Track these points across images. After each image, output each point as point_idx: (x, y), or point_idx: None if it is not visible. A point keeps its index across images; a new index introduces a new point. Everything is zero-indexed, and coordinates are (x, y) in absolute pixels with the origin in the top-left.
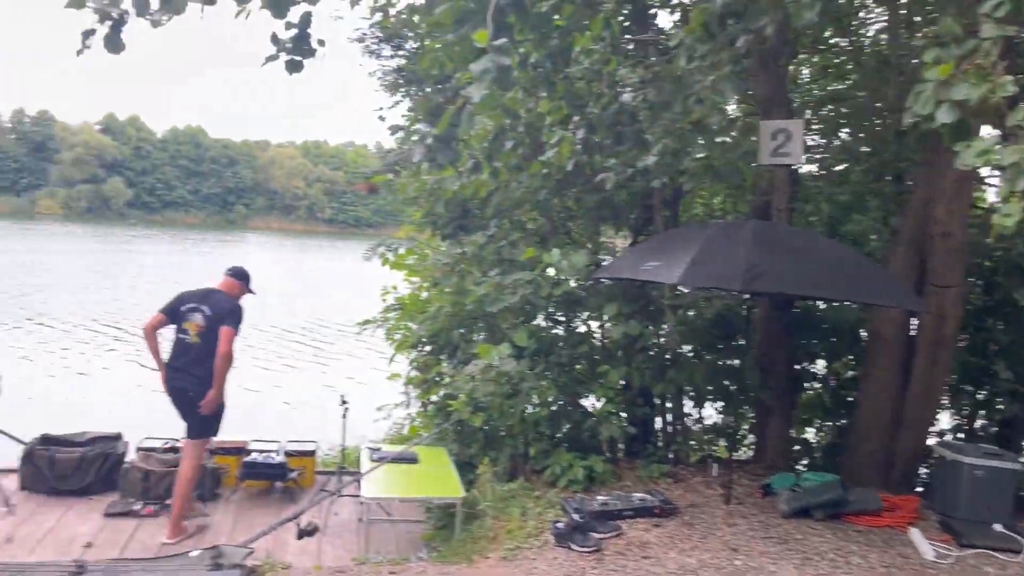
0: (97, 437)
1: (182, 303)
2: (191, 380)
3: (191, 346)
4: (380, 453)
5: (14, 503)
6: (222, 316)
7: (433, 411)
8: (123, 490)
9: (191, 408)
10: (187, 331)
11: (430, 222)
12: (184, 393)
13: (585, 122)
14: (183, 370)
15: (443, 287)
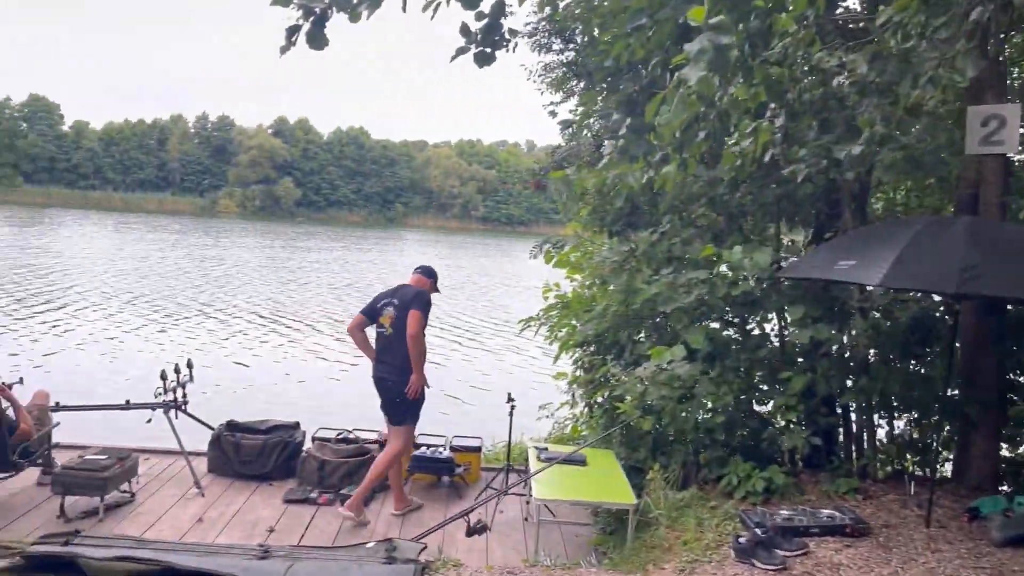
0: (277, 425)
1: (378, 301)
2: (388, 368)
3: (387, 337)
4: (548, 453)
5: (204, 485)
6: (409, 303)
7: (599, 412)
8: (301, 477)
9: (391, 396)
10: (383, 325)
11: (598, 218)
12: (384, 382)
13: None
14: (383, 361)
15: (611, 285)
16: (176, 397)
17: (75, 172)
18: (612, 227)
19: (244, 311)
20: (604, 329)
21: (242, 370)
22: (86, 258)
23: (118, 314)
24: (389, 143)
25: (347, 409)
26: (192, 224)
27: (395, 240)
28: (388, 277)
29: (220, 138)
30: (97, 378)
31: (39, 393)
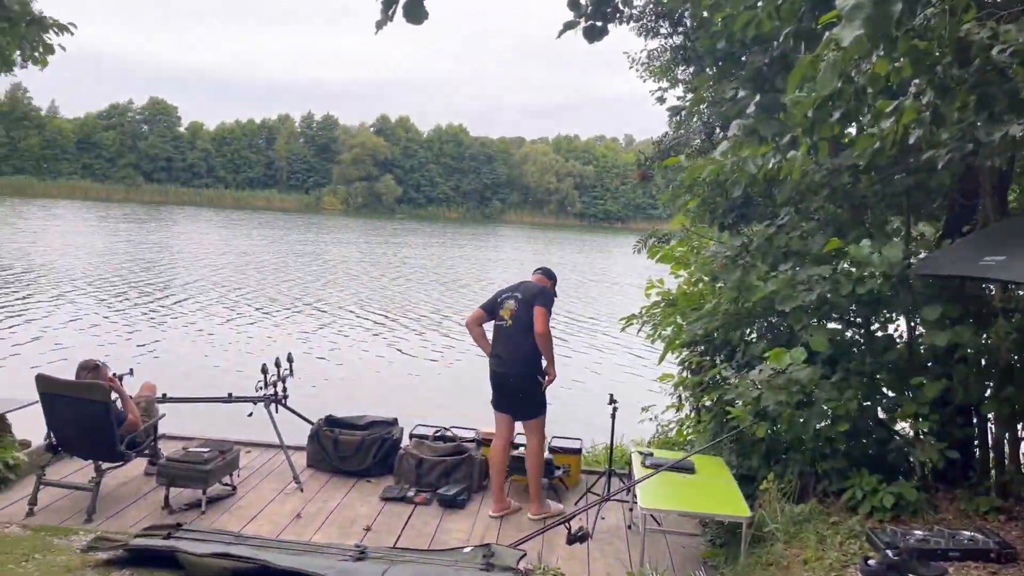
0: (375, 421)
1: (498, 296)
2: (507, 363)
3: (507, 330)
4: (653, 459)
5: (303, 480)
6: (533, 298)
7: (707, 417)
8: (398, 475)
9: (513, 392)
10: (502, 317)
11: (707, 211)
12: (504, 378)
13: (936, 83)
14: (501, 355)
15: (722, 282)
16: (276, 391)
17: (190, 171)
18: (723, 220)
19: (342, 306)
20: (714, 328)
21: (338, 364)
22: (194, 253)
23: (219, 307)
24: (487, 140)
25: (442, 406)
26: (297, 220)
27: (490, 236)
28: (482, 272)
29: (324, 137)
30: (197, 369)
31: (147, 384)
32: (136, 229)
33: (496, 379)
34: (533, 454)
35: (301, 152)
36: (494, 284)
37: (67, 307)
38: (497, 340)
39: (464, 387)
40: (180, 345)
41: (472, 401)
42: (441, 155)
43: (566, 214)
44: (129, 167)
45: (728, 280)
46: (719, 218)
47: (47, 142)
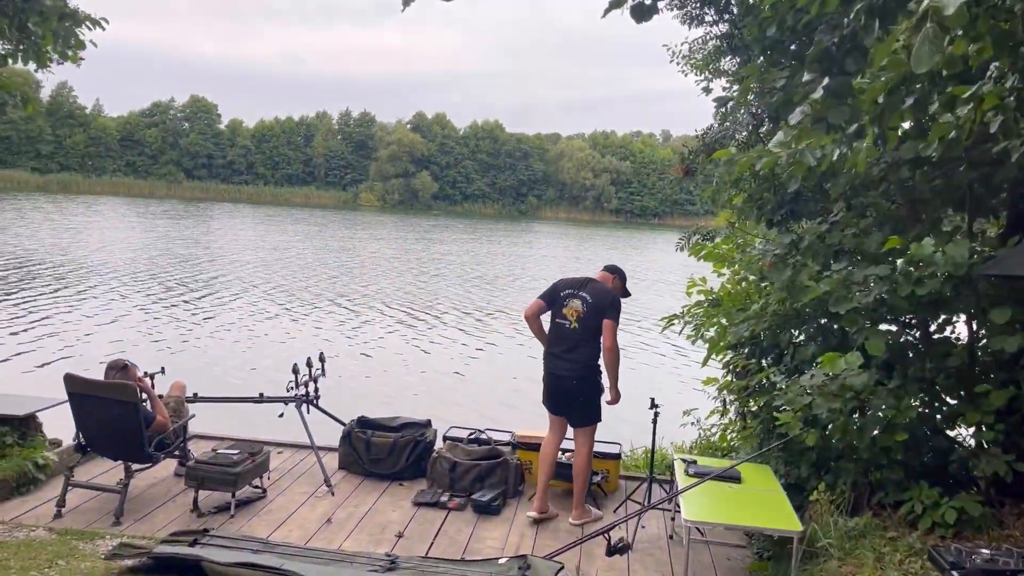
0: (408, 423)
1: (560, 289)
2: (569, 367)
3: (570, 332)
4: (697, 467)
5: (334, 483)
6: (603, 307)
7: (754, 423)
8: (431, 478)
9: (571, 397)
10: (566, 317)
11: (755, 206)
12: (564, 381)
13: (1021, 67)
14: (562, 357)
15: (771, 282)
16: (308, 391)
17: (230, 168)
18: (772, 216)
19: (375, 304)
20: (761, 330)
21: (371, 363)
22: (229, 249)
23: (253, 303)
24: (523, 136)
25: (477, 407)
26: (333, 216)
27: (524, 232)
28: (517, 269)
29: (362, 134)
30: (230, 368)
31: (176, 384)
32: (173, 225)
33: (553, 381)
34: (582, 458)
35: (339, 149)
36: (533, 281)
37: (97, 303)
38: (558, 340)
39: (501, 389)
40: (213, 343)
41: (508, 403)
42: (477, 151)
43: (602, 210)
44: (171, 164)
45: (777, 280)
46: (767, 214)
47: (92, 140)
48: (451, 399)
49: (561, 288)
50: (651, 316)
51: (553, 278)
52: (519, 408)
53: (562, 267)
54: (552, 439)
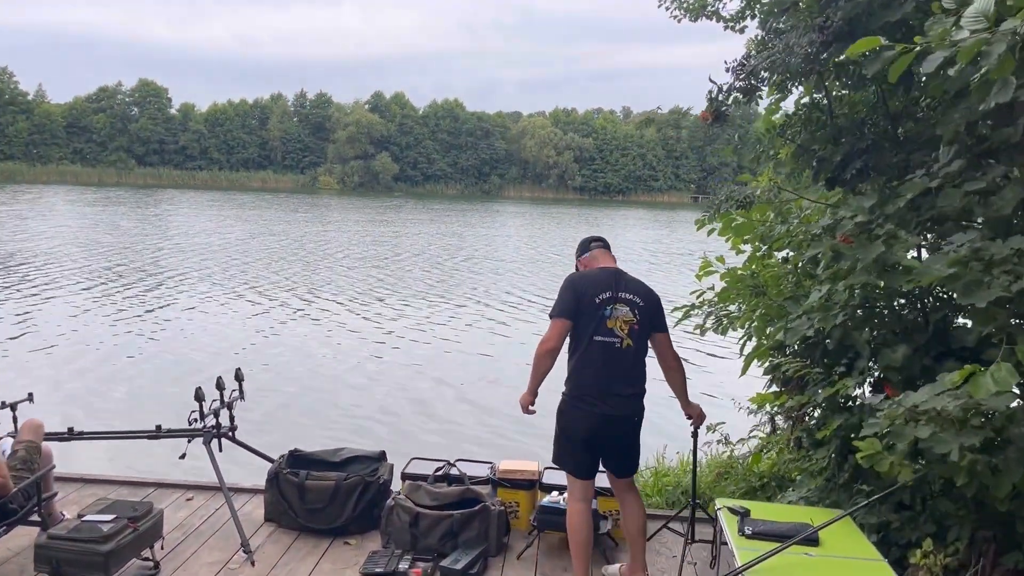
0: (355, 456)
1: (588, 293)
2: (634, 403)
3: (623, 354)
4: (753, 524)
5: (256, 546)
6: (656, 311)
7: (818, 453)
8: (386, 533)
9: (630, 441)
10: (612, 332)
11: (810, 161)
12: (626, 424)
13: None
14: (618, 393)
15: (848, 262)
16: (219, 422)
17: (183, 153)
18: (837, 173)
19: (319, 295)
20: (830, 328)
21: (306, 373)
22: (163, 237)
23: (165, 297)
24: (484, 115)
25: (445, 428)
26: (288, 201)
27: (489, 213)
28: (489, 251)
29: (318, 115)
30: (145, 380)
31: (29, 424)
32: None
33: (604, 428)
34: (641, 509)
35: (295, 132)
36: (502, 263)
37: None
38: (607, 367)
39: (475, 405)
40: (127, 348)
41: (486, 424)
42: (438, 131)
43: (566, 188)
44: (120, 151)
45: (863, 258)
46: (829, 170)
47: (36, 127)
48: (412, 421)
49: (588, 290)
50: None
51: (539, 257)
52: (503, 429)
53: (545, 247)
54: (587, 511)
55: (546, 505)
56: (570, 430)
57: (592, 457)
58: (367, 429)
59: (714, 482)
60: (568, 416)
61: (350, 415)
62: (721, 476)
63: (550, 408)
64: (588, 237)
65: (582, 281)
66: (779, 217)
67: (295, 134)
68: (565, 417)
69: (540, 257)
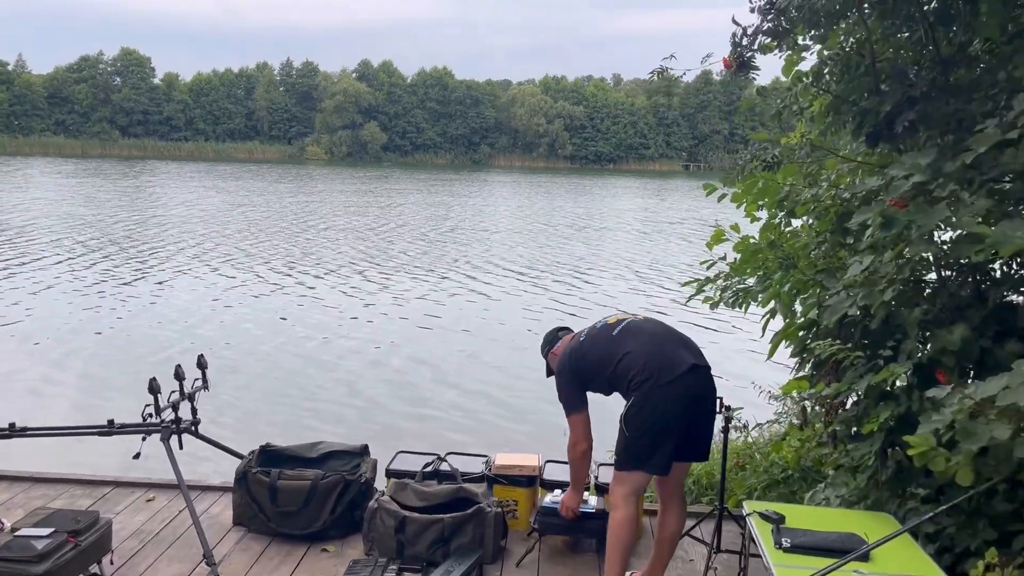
0: (334, 451)
1: (585, 346)
2: (707, 370)
3: (645, 324)
4: (792, 534)
5: (222, 556)
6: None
7: (860, 450)
8: (369, 539)
9: (711, 416)
10: (620, 322)
11: (850, 115)
12: (712, 396)
13: None
14: (686, 361)
15: (900, 228)
16: (178, 416)
17: (168, 124)
18: (878, 127)
19: (301, 268)
20: (877, 305)
21: (280, 354)
22: (133, 209)
23: (135, 272)
24: (473, 83)
25: (435, 415)
26: (274, 171)
27: (476, 183)
28: (473, 220)
29: (305, 85)
30: (110, 360)
31: None
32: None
33: (693, 406)
34: (684, 513)
35: (282, 101)
36: (487, 233)
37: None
38: (653, 341)
39: (465, 386)
40: (89, 327)
41: (478, 407)
42: (427, 100)
43: (557, 157)
44: (103, 121)
45: (923, 224)
46: (871, 124)
47: (16, 98)
48: (397, 408)
49: (588, 358)
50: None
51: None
52: (494, 420)
53: (533, 216)
54: (635, 500)
55: (548, 506)
56: (657, 421)
57: (685, 436)
58: (347, 418)
59: (731, 471)
60: (655, 402)
61: (328, 401)
62: (738, 466)
63: (538, 394)
64: (552, 331)
65: (574, 359)
66: (808, 179)
67: (281, 104)
68: (650, 405)
69: (528, 228)
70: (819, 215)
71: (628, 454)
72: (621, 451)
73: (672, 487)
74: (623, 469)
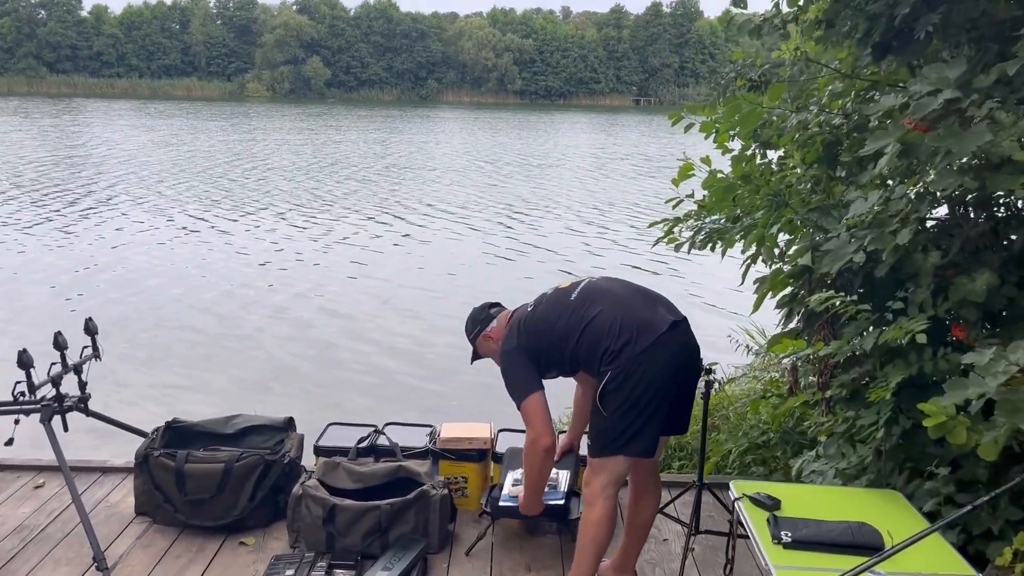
0: (253, 426)
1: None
2: (685, 323)
3: (614, 284)
4: (791, 526)
5: (117, 558)
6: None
7: (866, 417)
8: (295, 530)
9: (693, 386)
10: (576, 287)
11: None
12: (694, 351)
13: None
14: (664, 319)
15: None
16: (60, 392)
17: (98, 60)
18: (887, 35)
19: (210, 205)
20: (890, 249)
21: (205, 291)
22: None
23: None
24: (419, 15)
25: (375, 381)
26: (208, 108)
27: (420, 119)
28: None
29: (243, 17)
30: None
31: None
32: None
33: (678, 362)
34: (659, 495)
35: (219, 35)
36: (433, 172)
37: None
38: (621, 301)
39: (402, 346)
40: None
41: (421, 369)
42: (371, 33)
43: (506, 92)
44: (29, 57)
45: (958, 150)
46: (882, 31)
47: None
48: (326, 371)
49: (539, 333)
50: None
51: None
52: (438, 383)
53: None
54: (653, 483)
55: (505, 504)
56: (650, 383)
57: (672, 404)
58: (267, 385)
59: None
60: (636, 372)
61: (246, 366)
62: (712, 427)
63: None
64: (479, 308)
65: (527, 335)
66: (796, 102)
67: (219, 38)
68: (633, 377)
69: (469, 166)
70: (802, 144)
71: (607, 437)
72: (598, 434)
73: (650, 468)
74: (601, 455)
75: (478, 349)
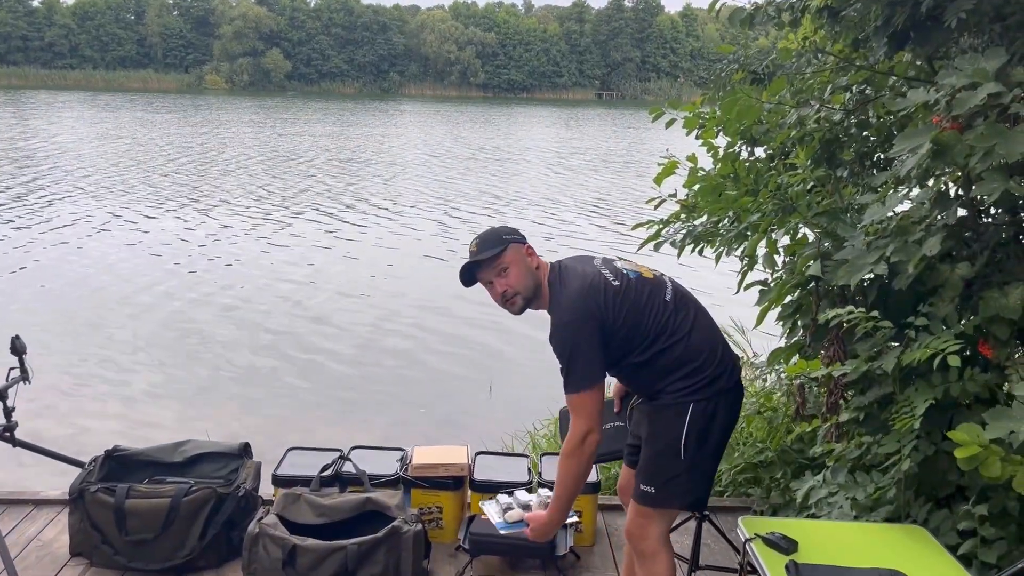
0: (204, 453)
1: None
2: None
3: (673, 301)
4: (815, 574)
5: None
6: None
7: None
8: (250, 572)
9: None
10: (645, 278)
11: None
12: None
13: None
14: (715, 354)
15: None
16: None
17: (50, 51)
18: (909, 24)
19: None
20: (917, 260)
21: (143, 290)
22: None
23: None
24: (380, 8)
25: (339, 395)
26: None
27: (379, 112)
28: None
29: (201, 8)
30: None
31: None
32: None
33: (736, 400)
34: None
35: (176, 26)
36: (396, 167)
37: None
38: (710, 322)
39: (366, 357)
40: None
41: (389, 382)
42: (331, 25)
43: (469, 85)
44: None
45: (1005, 151)
46: (903, 20)
47: None
48: (284, 388)
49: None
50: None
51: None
52: (408, 400)
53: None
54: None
55: (483, 537)
56: (726, 432)
57: (719, 442)
58: (221, 405)
59: None
60: (706, 416)
61: (195, 382)
62: None
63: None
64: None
65: (609, 304)
66: (797, 97)
67: (176, 29)
68: (702, 422)
69: (429, 160)
70: (798, 140)
71: (680, 487)
72: (668, 482)
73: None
74: (663, 506)
75: (505, 261)
